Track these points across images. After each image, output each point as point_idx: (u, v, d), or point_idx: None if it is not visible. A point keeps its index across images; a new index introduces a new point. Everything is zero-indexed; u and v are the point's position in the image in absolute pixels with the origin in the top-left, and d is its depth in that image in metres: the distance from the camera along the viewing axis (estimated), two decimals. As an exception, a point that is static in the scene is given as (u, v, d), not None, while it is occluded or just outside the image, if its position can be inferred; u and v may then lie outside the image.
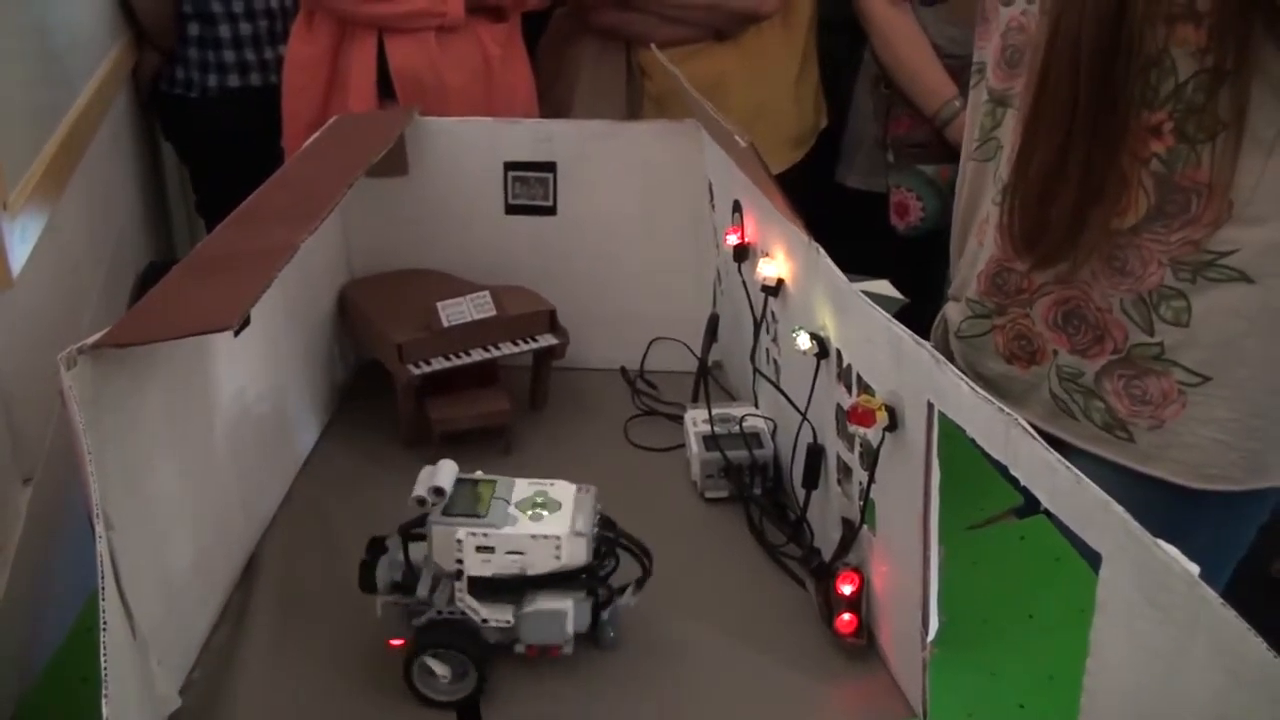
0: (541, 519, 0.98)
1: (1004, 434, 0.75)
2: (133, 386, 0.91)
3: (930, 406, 0.86)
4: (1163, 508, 1.14)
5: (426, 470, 1.01)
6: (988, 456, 0.77)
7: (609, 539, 1.02)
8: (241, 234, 1.05)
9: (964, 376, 0.81)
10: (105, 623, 0.59)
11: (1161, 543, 0.62)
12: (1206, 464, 1.13)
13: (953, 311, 1.31)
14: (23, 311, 1.19)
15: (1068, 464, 0.69)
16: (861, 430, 0.97)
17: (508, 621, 0.97)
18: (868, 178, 2.15)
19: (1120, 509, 0.65)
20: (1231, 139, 1.04)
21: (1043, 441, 0.72)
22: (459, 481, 1.01)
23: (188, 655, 1.01)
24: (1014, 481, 0.74)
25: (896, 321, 0.91)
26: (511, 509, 0.99)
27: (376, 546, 1.01)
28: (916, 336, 0.88)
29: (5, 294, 1.12)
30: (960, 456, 0.93)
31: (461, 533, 0.96)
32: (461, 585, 0.97)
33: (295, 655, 1.03)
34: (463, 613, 0.97)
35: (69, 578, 1.12)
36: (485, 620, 0.97)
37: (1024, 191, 1.12)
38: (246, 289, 0.92)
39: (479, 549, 0.97)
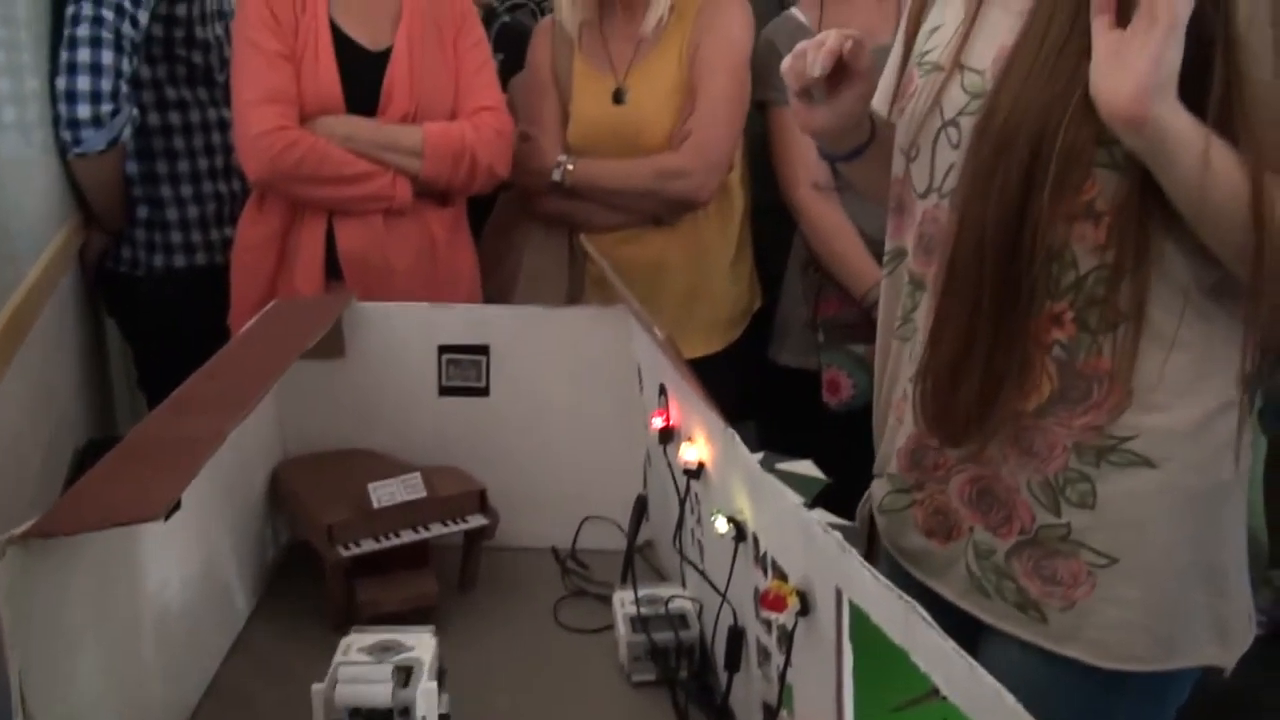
0: (409, 646, 1.07)
1: (903, 620, 0.78)
2: (60, 576, 0.92)
3: (839, 592, 0.89)
4: (1077, 689, 1.16)
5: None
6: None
7: None
8: (173, 421, 1.07)
9: (867, 565, 0.84)
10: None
11: (1049, 731, 0.65)
12: (1118, 644, 1.15)
13: (876, 488, 1.35)
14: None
15: (962, 652, 0.72)
16: (775, 616, 0.99)
17: None
18: (800, 356, 2.21)
19: (1011, 698, 0.67)
20: (1131, 331, 1.09)
21: (939, 630, 0.74)
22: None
23: None
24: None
25: (805, 509, 0.94)
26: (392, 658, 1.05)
27: None
28: (829, 522, 0.91)
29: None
30: (876, 640, 0.95)
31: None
32: None
33: None
34: None
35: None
36: None
37: (934, 374, 1.17)
38: (175, 478, 0.94)
39: None
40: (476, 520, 1.41)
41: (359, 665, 1.01)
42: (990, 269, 1.10)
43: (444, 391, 1.55)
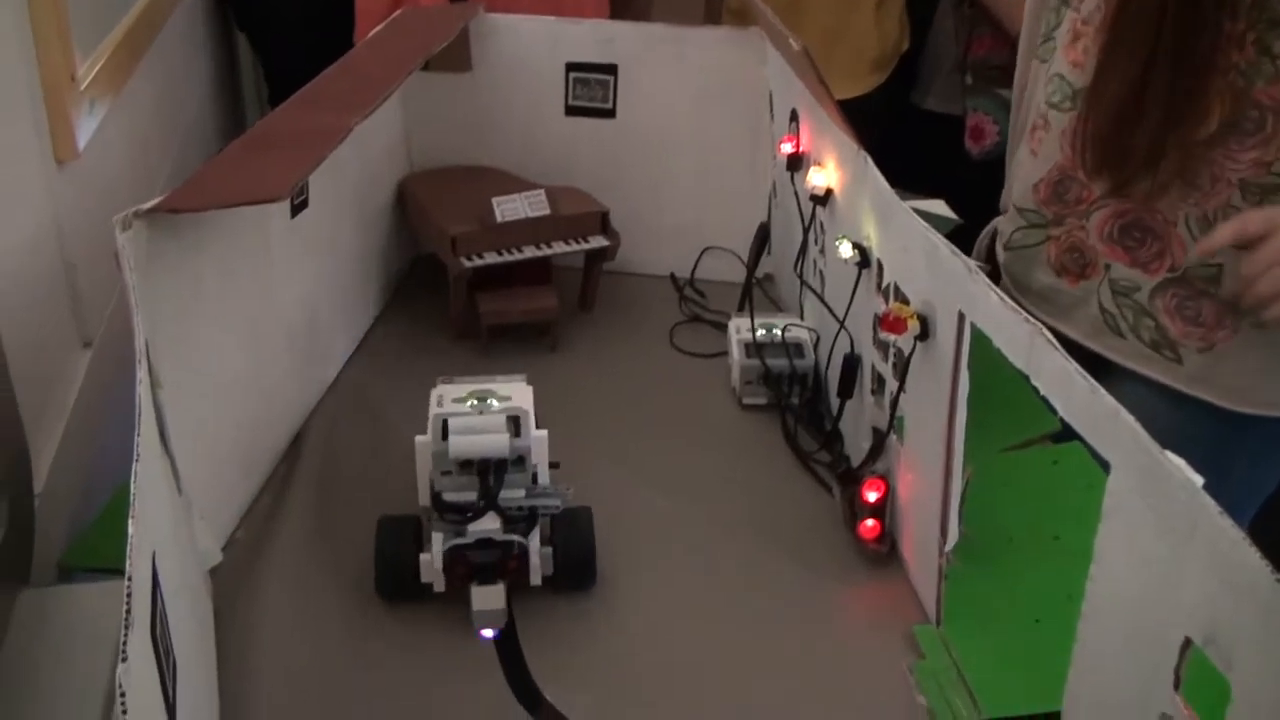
0: (509, 395, 0.97)
1: (1028, 343, 0.76)
2: (187, 254, 0.94)
3: (961, 316, 0.87)
4: (1205, 431, 1.14)
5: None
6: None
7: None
8: (299, 115, 1.07)
9: (994, 287, 0.81)
10: (138, 455, 0.63)
11: (1168, 453, 0.63)
12: (1254, 389, 1.12)
13: (1004, 223, 1.30)
14: (89, 184, 1.22)
15: (1084, 374, 0.70)
16: (893, 338, 0.98)
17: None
18: (945, 100, 2.13)
19: (1130, 418, 0.65)
20: None
21: (1062, 352, 0.72)
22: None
23: (231, 517, 1.05)
24: (1047, 404, 0.75)
25: (934, 231, 0.91)
26: (494, 408, 0.96)
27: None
28: (953, 246, 0.88)
29: (72, 165, 1.16)
30: (996, 378, 0.93)
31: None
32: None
33: (335, 525, 1.07)
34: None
35: (123, 438, 1.17)
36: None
37: (1100, 111, 1.10)
38: (299, 165, 0.95)
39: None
40: (598, 241, 1.41)
41: (468, 416, 0.94)
42: None
43: (570, 111, 1.52)
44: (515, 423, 0.94)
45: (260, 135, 1.02)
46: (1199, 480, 0.61)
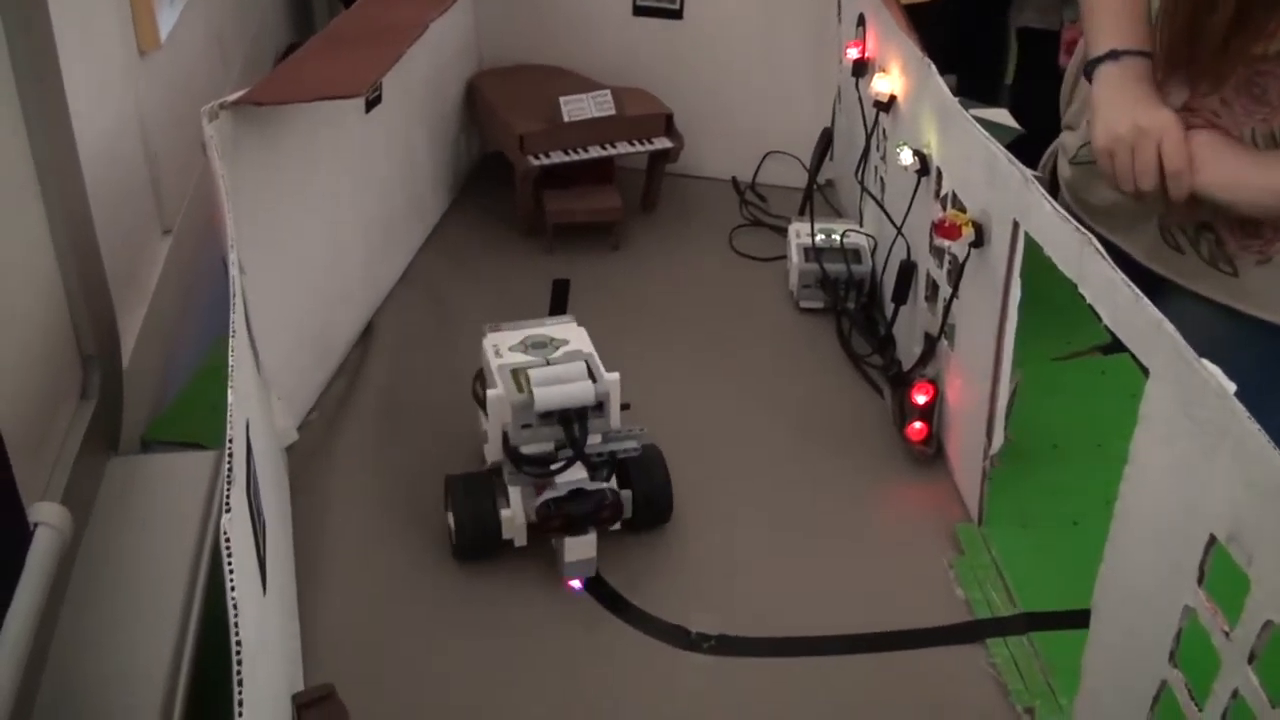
0: (566, 339, 0.97)
1: (1077, 252, 0.78)
2: (269, 146, 0.98)
3: (1015, 225, 0.89)
4: (1260, 348, 1.15)
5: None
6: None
7: None
8: (374, 11, 1.10)
9: (1048, 196, 0.83)
10: (234, 331, 0.67)
11: (1204, 361, 0.65)
12: None
13: (1069, 139, 1.30)
14: (169, 74, 1.26)
15: (1129, 284, 0.72)
16: (948, 244, 1.00)
17: None
18: (1043, 15, 2.10)
19: (1171, 328, 0.68)
20: None
21: (1109, 262, 0.74)
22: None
23: (307, 399, 1.11)
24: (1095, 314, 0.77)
25: (994, 140, 0.92)
26: (556, 353, 0.96)
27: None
28: (1011, 156, 0.90)
29: (153, 55, 1.20)
30: (1048, 287, 0.95)
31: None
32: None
33: (405, 410, 1.12)
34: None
35: (200, 322, 1.23)
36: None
37: (1174, 9, 1.11)
38: (376, 61, 0.98)
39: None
40: (662, 142, 1.43)
41: (542, 366, 0.92)
42: None
43: (638, 11, 1.53)
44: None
45: (338, 31, 1.05)
46: (1231, 387, 0.64)
